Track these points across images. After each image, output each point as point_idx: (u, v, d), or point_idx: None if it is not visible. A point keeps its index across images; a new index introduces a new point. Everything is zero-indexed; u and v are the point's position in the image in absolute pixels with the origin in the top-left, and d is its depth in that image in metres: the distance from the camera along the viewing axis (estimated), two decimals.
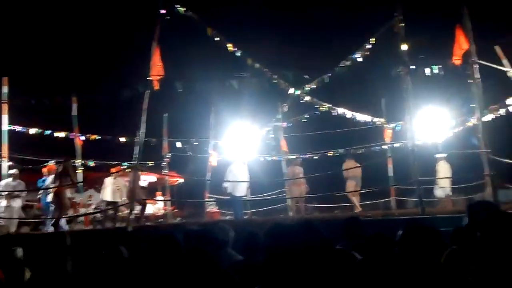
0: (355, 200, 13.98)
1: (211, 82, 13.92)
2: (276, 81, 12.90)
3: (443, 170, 14.50)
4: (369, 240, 3.86)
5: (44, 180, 12.42)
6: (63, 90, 16.16)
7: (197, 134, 18.35)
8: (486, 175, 9.43)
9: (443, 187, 14.59)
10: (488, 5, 15.59)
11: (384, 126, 16.55)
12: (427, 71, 14.19)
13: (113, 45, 20.36)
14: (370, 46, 11.62)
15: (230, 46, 11.52)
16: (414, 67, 12.06)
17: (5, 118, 12.51)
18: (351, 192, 13.79)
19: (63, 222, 11.42)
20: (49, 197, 11.98)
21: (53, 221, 11.20)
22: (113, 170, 14.16)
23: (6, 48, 13.07)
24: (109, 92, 14.54)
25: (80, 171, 15.50)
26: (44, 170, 12.90)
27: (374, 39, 11.59)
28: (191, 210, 15.59)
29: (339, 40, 18.18)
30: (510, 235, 3.21)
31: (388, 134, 16.67)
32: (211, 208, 16.70)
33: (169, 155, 17.50)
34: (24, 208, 17.44)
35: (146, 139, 12.89)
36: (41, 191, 12.57)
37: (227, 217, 16.08)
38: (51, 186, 11.54)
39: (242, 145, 16.69)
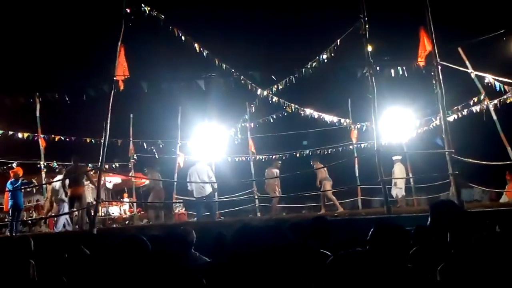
0: (335, 199, 14.27)
1: (178, 82, 13.80)
2: (243, 81, 12.88)
3: (398, 171, 15.21)
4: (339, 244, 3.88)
5: (13, 182, 12.10)
6: (26, 90, 15.76)
7: (164, 135, 18.16)
8: (450, 175, 9.62)
9: (400, 187, 15.20)
10: (451, 8, 15.92)
11: (351, 126, 16.76)
12: (392, 72, 14.43)
13: (78, 44, 19.95)
14: (336, 47, 11.69)
15: (197, 46, 11.43)
16: (378, 68, 12.22)
17: None
18: (330, 191, 14.06)
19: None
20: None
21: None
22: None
23: None
24: (73, 92, 14.23)
25: (43, 172, 15.14)
26: (12, 172, 12.58)
27: (339, 40, 11.68)
28: (158, 212, 15.42)
29: (306, 41, 18.29)
30: (472, 233, 3.28)
31: (354, 135, 16.89)
32: (179, 209, 16.57)
33: (135, 156, 17.28)
34: None
35: (112, 140, 12.72)
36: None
37: (194, 219, 16.00)
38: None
39: (210, 146, 16.62)
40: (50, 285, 3.47)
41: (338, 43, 11.60)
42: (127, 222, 16.17)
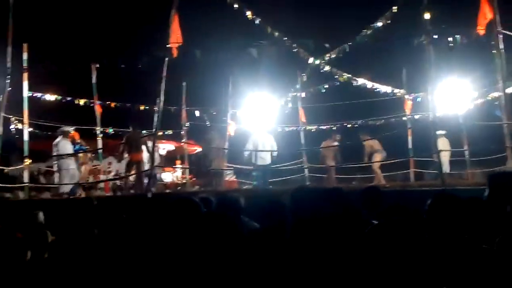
0: (379, 172, 14.01)
1: (230, 51, 13.82)
2: (295, 50, 12.76)
3: (442, 146, 14.61)
4: (389, 210, 3.84)
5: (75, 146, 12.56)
6: (83, 57, 16.18)
7: (215, 103, 18.31)
8: (508, 148, 9.30)
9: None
10: None
11: (405, 97, 16.36)
12: (450, 40, 13.92)
13: (133, 12, 20.24)
14: (392, 15, 11.35)
15: (249, 14, 11.37)
16: (436, 36, 11.82)
17: (25, 85, 12.57)
18: (377, 162, 13.78)
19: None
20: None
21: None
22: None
23: (26, 14, 13.05)
24: (128, 60, 14.51)
25: (100, 138, 15.63)
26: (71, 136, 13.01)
27: (396, 7, 11.34)
28: (208, 179, 15.66)
29: (360, 8, 17.82)
30: None
31: (408, 106, 16.48)
32: (229, 177, 16.77)
33: (187, 124, 17.53)
34: (45, 173, 17.81)
35: (165, 107, 12.95)
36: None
37: (245, 187, 16.17)
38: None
39: (260, 115, 16.64)
40: (110, 244, 3.61)
41: (395, 10, 11.27)
42: (179, 188, 16.52)
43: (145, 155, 12.92)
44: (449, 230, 2.78)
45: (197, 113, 17.84)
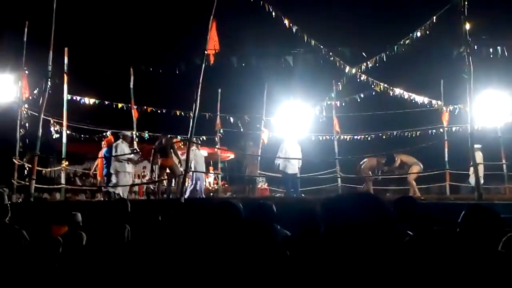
0: (414, 185, 13.62)
1: (266, 58, 13.85)
2: (332, 58, 12.70)
3: (478, 159, 14.18)
4: (420, 218, 3.77)
5: (107, 151, 12.77)
6: (122, 62, 16.47)
7: (249, 110, 18.39)
8: None
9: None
10: None
11: (442, 108, 16.09)
12: (490, 52, 13.60)
13: (172, 19, 20.56)
14: (431, 25, 11.19)
15: (287, 22, 11.39)
16: (476, 47, 11.57)
17: (65, 88, 12.90)
18: (414, 174, 13.39)
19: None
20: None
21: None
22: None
23: (67, 19, 13.40)
24: (166, 65, 14.70)
25: (135, 142, 15.88)
26: (104, 142, 13.27)
27: (435, 17, 11.17)
28: (241, 186, 15.71)
29: (398, 17, 17.66)
30: None
31: (445, 117, 16.21)
32: (261, 184, 16.78)
33: (221, 130, 17.66)
34: (81, 176, 18.20)
35: (200, 113, 13.06)
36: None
37: (277, 194, 16.15)
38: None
39: (294, 123, 16.60)
40: (143, 247, 3.65)
41: (434, 20, 11.10)
42: (211, 194, 16.62)
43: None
44: (483, 243, 2.71)
45: (231, 119, 17.90)
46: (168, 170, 12.61)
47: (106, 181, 12.70)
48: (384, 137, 17.54)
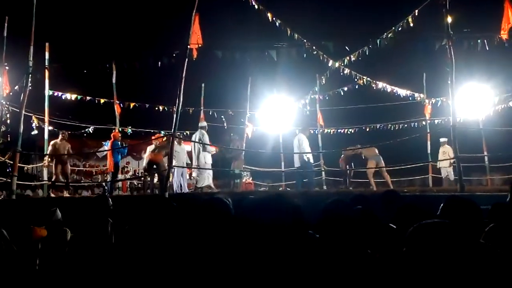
0: (371, 179, 13.56)
1: (249, 52, 13.80)
2: (315, 52, 12.71)
3: (441, 154, 14.65)
4: (401, 211, 3.80)
5: (115, 143, 12.64)
6: (103, 58, 16.31)
7: (233, 104, 18.34)
8: None
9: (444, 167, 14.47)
10: None
11: (425, 101, 16.23)
12: (472, 45, 13.72)
13: (154, 13, 20.40)
14: (413, 18, 11.24)
15: (269, 15, 11.36)
16: (457, 41, 11.66)
17: (46, 83, 12.74)
18: (371, 169, 13.38)
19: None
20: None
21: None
22: (154, 137, 14.34)
23: (47, 13, 13.19)
24: (148, 60, 14.58)
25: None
26: (112, 135, 13.10)
27: (417, 10, 11.23)
28: (225, 181, 15.67)
29: (381, 11, 17.74)
30: None
31: (428, 110, 16.35)
32: (246, 178, 16.76)
33: (205, 125, 17.56)
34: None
35: (184, 108, 12.99)
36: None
37: (261, 188, 16.16)
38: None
39: (278, 117, 16.62)
40: (126, 241, 3.63)
41: (416, 14, 11.16)
42: (191, 189, 16.55)
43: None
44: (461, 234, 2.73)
45: (215, 114, 17.84)
46: (155, 166, 12.54)
47: (113, 174, 12.55)
48: (367, 130, 17.64)
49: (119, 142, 12.90)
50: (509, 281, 2.01)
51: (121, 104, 16.21)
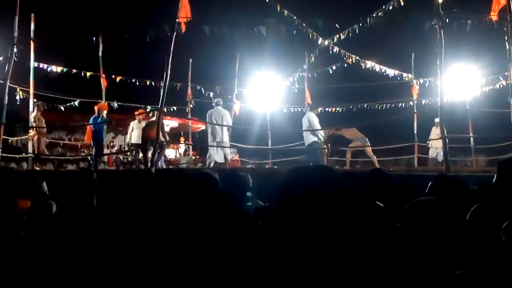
0: (348, 158, 13.46)
1: (238, 28, 13.64)
2: (304, 29, 12.60)
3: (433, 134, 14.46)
4: (390, 190, 3.82)
5: (95, 118, 12.42)
6: (90, 29, 16.03)
7: (221, 81, 18.21)
8: None
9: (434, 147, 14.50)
10: None
11: (413, 81, 16.24)
12: (461, 26, 13.68)
13: None
14: None
15: None
16: (447, 20, 11.61)
17: (32, 55, 12.50)
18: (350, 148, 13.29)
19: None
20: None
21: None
22: (137, 113, 14.22)
23: None
24: (135, 33, 14.36)
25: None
26: (96, 107, 12.88)
27: None
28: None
29: None
30: None
31: (415, 90, 16.38)
32: (233, 155, 16.74)
33: (192, 101, 17.48)
34: (48, 145, 17.84)
35: (171, 84, 12.85)
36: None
37: (248, 166, 16.16)
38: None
39: (266, 95, 16.55)
40: (110, 213, 3.60)
41: None
42: (182, 165, 16.54)
43: (135, 132, 12.87)
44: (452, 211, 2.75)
45: (202, 90, 17.71)
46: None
47: (96, 149, 12.43)
48: (355, 109, 17.65)
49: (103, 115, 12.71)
50: (493, 258, 2.03)
51: (108, 78, 16.00)
